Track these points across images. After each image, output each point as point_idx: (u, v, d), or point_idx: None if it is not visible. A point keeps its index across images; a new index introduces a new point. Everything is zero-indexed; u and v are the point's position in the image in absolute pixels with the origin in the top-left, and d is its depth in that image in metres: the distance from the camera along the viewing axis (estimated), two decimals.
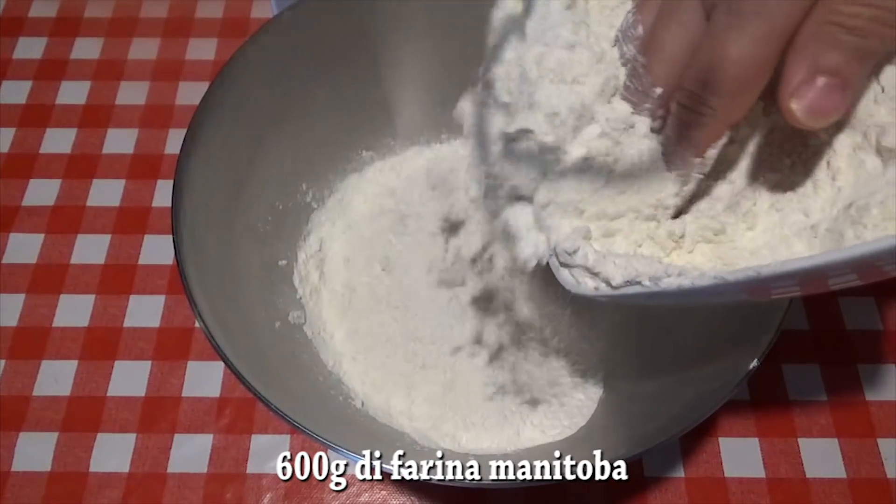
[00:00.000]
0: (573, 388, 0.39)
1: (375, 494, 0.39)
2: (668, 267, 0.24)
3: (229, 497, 0.39)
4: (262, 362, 0.34)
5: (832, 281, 0.21)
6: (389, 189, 0.46)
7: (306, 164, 0.44)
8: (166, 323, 0.44)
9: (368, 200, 0.45)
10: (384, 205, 0.45)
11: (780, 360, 0.43)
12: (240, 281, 0.37)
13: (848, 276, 0.20)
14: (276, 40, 0.39)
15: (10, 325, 0.44)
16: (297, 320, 0.40)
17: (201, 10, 0.58)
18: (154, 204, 0.49)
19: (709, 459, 0.40)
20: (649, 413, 0.34)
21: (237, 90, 0.37)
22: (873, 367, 0.42)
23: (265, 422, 0.41)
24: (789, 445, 0.40)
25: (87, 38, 0.57)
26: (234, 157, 0.38)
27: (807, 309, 0.44)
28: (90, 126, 0.52)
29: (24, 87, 0.54)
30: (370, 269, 0.42)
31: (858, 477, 0.39)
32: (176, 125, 0.52)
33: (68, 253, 0.47)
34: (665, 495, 0.39)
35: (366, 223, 0.44)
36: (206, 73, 0.55)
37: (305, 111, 0.42)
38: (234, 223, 0.38)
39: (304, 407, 0.32)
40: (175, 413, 0.41)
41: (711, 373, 0.32)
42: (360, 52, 0.42)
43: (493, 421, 0.37)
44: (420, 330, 0.40)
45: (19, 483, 0.39)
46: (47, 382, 0.42)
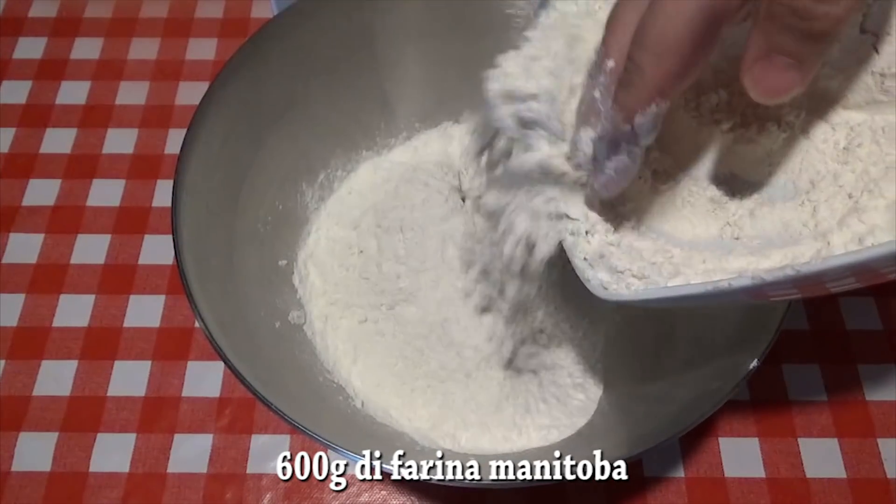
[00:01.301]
0: (573, 388, 0.39)
1: (375, 494, 0.39)
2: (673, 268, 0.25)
3: (229, 497, 0.39)
4: (262, 362, 0.34)
5: (830, 285, 0.21)
6: (390, 188, 0.46)
7: (306, 163, 0.44)
8: (166, 323, 0.44)
9: (369, 200, 0.45)
10: (385, 204, 0.45)
11: (780, 360, 0.43)
12: (240, 281, 0.37)
13: (847, 280, 0.20)
14: (275, 40, 0.39)
15: (10, 325, 0.44)
16: (297, 320, 0.40)
17: (201, 10, 0.58)
18: (154, 204, 0.49)
19: (709, 459, 0.40)
20: (649, 413, 0.34)
21: (237, 90, 0.37)
22: (873, 367, 0.42)
23: (265, 422, 0.41)
24: (789, 445, 0.40)
25: (87, 38, 0.57)
26: (233, 157, 0.38)
27: (807, 309, 0.44)
28: (90, 126, 0.52)
29: (24, 87, 0.54)
30: (370, 269, 0.42)
31: (858, 477, 0.39)
32: (176, 125, 0.52)
33: (68, 253, 0.47)
34: (665, 495, 0.39)
35: (366, 223, 0.44)
36: (206, 73, 0.55)
37: (305, 111, 0.42)
38: (234, 223, 0.38)
39: (304, 407, 0.32)
40: (175, 413, 0.41)
41: (711, 373, 0.32)
42: (360, 52, 0.42)
43: (492, 421, 0.37)
44: (420, 330, 0.40)
45: (19, 483, 0.39)
46: (47, 382, 0.42)
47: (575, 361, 0.40)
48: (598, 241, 0.27)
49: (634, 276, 0.26)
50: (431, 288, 0.40)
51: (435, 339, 0.39)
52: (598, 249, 0.27)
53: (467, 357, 0.39)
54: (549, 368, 0.40)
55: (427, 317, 0.40)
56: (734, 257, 0.25)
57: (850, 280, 0.20)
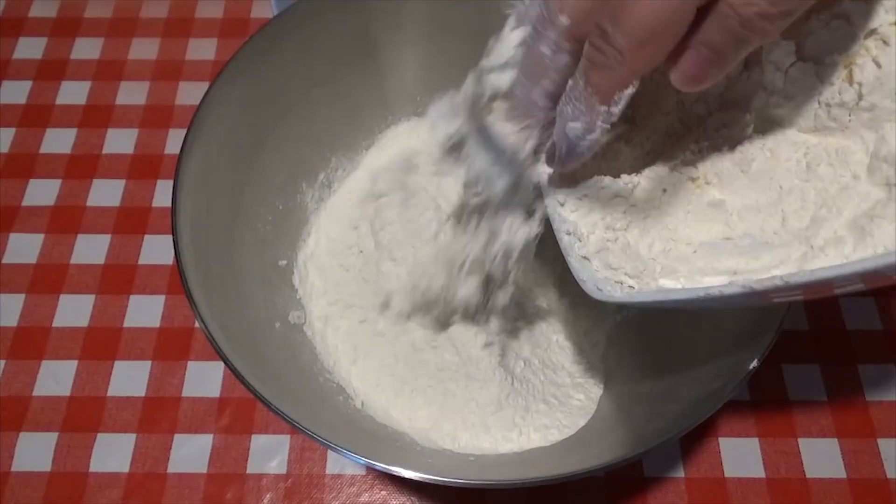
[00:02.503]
0: (573, 388, 0.39)
1: (375, 494, 0.39)
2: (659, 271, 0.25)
3: (229, 497, 0.39)
4: (262, 362, 0.34)
5: (838, 290, 0.21)
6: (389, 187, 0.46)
7: (306, 163, 0.44)
8: (166, 323, 0.44)
9: (369, 200, 0.45)
10: (384, 204, 0.45)
11: (780, 360, 0.43)
12: (240, 281, 0.37)
13: (855, 285, 0.21)
14: (275, 40, 0.39)
15: (10, 325, 0.44)
16: (297, 320, 0.40)
17: (201, 10, 0.58)
18: (154, 204, 0.49)
19: (709, 459, 0.40)
20: (649, 413, 0.34)
21: (237, 90, 0.37)
22: (873, 367, 0.42)
23: (265, 422, 0.41)
24: (789, 445, 0.40)
25: (87, 38, 0.57)
26: (234, 157, 0.38)
27: (807, 309, 0.44)
28: (90, 126, 0.52)
29: (24, 87, 0.54)
30: (370, 270, 0.42)
31: (858, 477, 0.39)
32: (176, 125, 0.52)
33: (68, 253, 0.47)
34: (665, 495, 0.39)
35: (366, 223, 0.44)
36: (206, 73, 0.55)
37: (305, 111, 0.42)
38: (234, 223, 0.38)
39: (304, 407, 0.32)
40: (175, 413, 0.41)
41: (711, 373, 0.32)
42: (360, 52, 0.42)
43: (493, 421, 0.37)
44: (420, 330, 0.40)
45: (19, 483, 0.39)
46: (47, 382, 0.42)
47: (575, 361, 0.40)
48: (598, 237, 0.27)
49: (628, 274, 0.26)
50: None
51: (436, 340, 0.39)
52: (597, 245, 0.27)
53: (467, 357, 0.39)
54: (550, 369, 0.40)
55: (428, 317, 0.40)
56: (726, 257, 0.26)
57: (858, 285, 0.21)
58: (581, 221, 0.28)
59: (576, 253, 0.27)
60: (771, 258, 0.24)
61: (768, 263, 0.24)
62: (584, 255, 0.27)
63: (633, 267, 0.26)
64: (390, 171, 0.45)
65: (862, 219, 0.23)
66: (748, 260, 0.25)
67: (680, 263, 0.26)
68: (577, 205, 0.28)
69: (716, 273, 0.25)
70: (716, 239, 0.27)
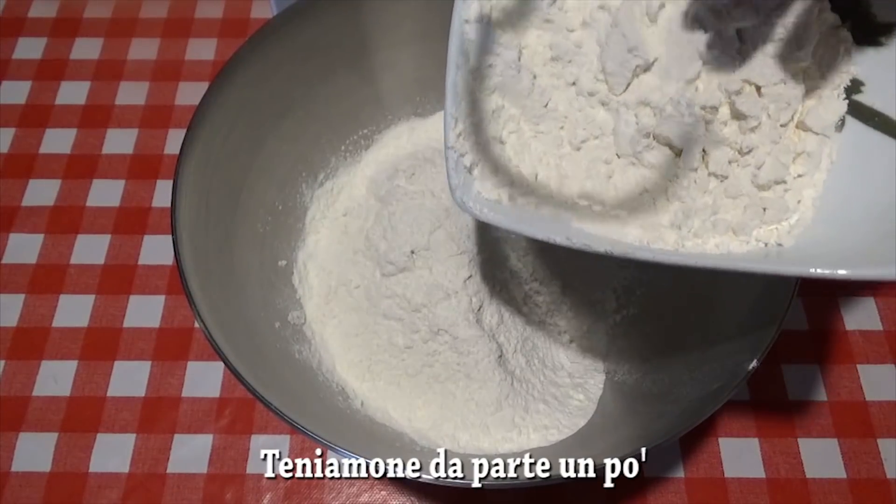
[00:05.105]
0: (573, 389, 0.39)
1: (375, 494, 0.39)
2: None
3: (229, 497, 0.39)
4: (262, 362, 0.34)
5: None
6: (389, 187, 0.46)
7: (306, 163, 0.44)
8: (166, 323, 0.44)
9: (368, 199, 0.45)
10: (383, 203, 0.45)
11: (780, 360, 0.43)
12: (240, 281, 0.37)
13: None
14: (275, 41, 0.39)
15: (10, 326, 0.44)
16: (297, 320, 0.40)
17: (201, 10, 0.58)
18: (154, 204, 0.49)
19: (709, 459, 0.40)
20: (649, 413, 0.34)
21: (237, 90, 0.37)
22: (873, 367, 0.42)
23: (265, 422, 0.41)
24: (789, 445, 0.40)
25: (87, 38, 0.57)
26: (233, 157, 0.38)
27: (806, 309, 0.44)
28: (90, 126, 0.52)
29: (24, 87, 0.54)
30: (370, 270, 0.42)
31: (858, 477, 0.39)
32: (176, 125, 0.52)
33: (68, 253, 0.47)
34: (665, 495, 0.39)
35: (366, 223, 0.44)
36: (206, 73, 0.55)
37: (305, 111, 0.42)
38: (233, 223, 0.38)
39: (304, 407, 0.32)
40: (175, 413, 0.41)
41: (711, 373, 0.32)
42: (359, 52, 0.42)
43: (492, 421, 0.37)
44: (420, 330, 0.40)
45: (19, 483, 0.39)
46: (47, 382, 0.42)
47: (574, 361, 0.40)
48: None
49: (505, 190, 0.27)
50: (433, 289, 0.40)
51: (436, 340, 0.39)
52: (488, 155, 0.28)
53: (467, 357, 0.39)
54: (550, 369, 0.40)
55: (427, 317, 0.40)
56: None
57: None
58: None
59: (454, 158, 0.27)
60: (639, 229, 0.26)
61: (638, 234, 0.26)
62: (469, 162, 0.27)
63: (523, 189, 0.26)
64: (390, 171, 0.45)
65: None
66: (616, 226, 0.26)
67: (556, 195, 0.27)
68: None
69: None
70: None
